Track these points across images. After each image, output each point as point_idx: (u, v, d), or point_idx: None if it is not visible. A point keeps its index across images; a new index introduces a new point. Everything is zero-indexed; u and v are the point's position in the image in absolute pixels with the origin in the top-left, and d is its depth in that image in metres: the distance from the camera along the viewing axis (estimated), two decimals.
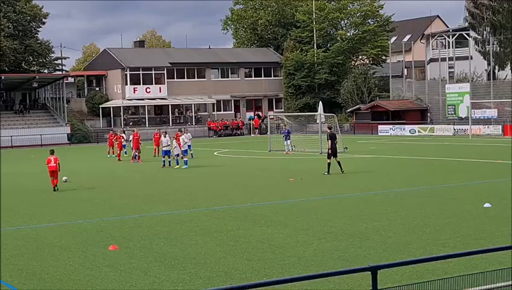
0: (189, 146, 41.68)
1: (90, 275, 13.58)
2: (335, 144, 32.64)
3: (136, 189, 28.72)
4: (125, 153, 47.31)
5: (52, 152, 30.10)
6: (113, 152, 48.54)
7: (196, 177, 32.86)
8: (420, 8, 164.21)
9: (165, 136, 40.22)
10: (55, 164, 29.12)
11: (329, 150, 32.35)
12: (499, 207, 19.91)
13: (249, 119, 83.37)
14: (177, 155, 38.97)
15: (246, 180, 31.01)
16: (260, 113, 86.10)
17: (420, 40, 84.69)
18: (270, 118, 60.09)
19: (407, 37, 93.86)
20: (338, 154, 32.86)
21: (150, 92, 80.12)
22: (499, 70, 72.06)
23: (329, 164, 32.09)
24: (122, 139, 47.01)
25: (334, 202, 23.07)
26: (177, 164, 38.60)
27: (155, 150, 47.69)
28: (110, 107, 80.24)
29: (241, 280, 12.57)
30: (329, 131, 33.98)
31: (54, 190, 28.63)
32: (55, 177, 29.21)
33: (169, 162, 39.37)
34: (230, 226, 18.69)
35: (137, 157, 43.50)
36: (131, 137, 46.53)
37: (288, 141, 47.28)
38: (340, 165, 32.05)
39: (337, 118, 54.91)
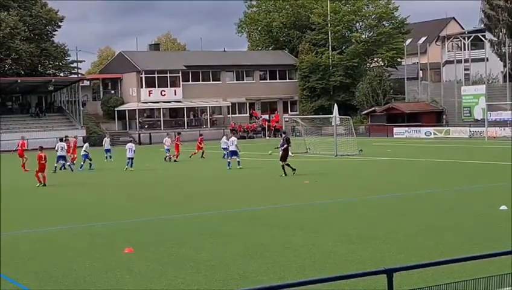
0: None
1: (105, 278, 13.61)
2: (288, 149, 33.98)
3: (147, 192, 28.75)
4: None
5: (41, 149, 32.93)
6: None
7: (209, 180, 32.87)
8: (435, 10, 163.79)
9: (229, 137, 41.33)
10: (44, 161, 31.65)
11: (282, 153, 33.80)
12: None
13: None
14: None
15: (260, 183, 31.00)
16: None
17: (435, 42, 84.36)
18: (285, 121, 60.09)
19: (423, 39, 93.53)
20: (287, 159, 33.85)
21: (165, 95, 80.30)
22: None
23: (287, 164, 33.24)
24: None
25: (348, 204, 23.02)
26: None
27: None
28: (125, 110, 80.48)
29: (256, 283, 12.55)
30: (284, 136, 35.58)
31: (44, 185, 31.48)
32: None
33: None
34: (245, 228, 18.68)
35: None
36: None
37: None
38: (284, 169, 33.07)
39: (352, 120, 54.86)
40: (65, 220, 21.48)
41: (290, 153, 34.49)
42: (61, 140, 41.67)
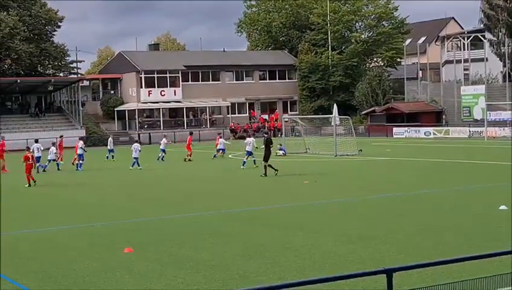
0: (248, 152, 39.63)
1: (105, 278, 13.62)
2: (270, 149, 34.49)
3: (147, 192, 28.76)
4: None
5: (28, 149, 33.35)
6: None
7: (209, 180, 32.88)
8: (435, 10, 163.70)
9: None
10: (31, 162, 31.24)
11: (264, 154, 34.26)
12: None
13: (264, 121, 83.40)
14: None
15: (259, 183, 31.00)
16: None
17: (435, 42, 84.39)
18: (285, 121, 60.05)
19: (422, 39, 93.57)
20: (269, 160, 34.34)
21: (164, 95, 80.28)
22: None
23: (269, 165, 33.65)
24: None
25: (348, 204, 23.03)
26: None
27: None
28: (125, 110, 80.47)
29: (256, 283, 12.56)
30: (265, 136, 36.36)
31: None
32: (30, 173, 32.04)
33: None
34: (244, 228, 18.69)
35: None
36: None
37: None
38: (272, 168, 33.54)
39: (351, 120, 54.85)
40: (65, 220, 21.48)
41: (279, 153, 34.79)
42: (36, 141, 41.87)
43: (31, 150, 39.06)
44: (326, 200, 24.15)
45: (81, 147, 41.94)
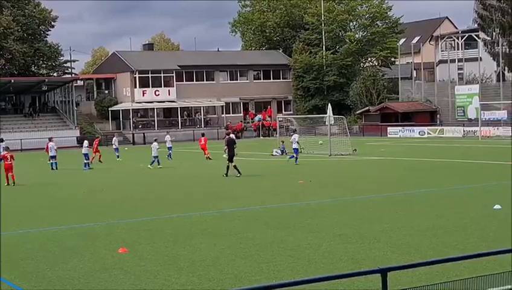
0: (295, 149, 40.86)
1: (99, 278, 13.59)
2: (233, 149, 34.05)
3: (144, 192, 28.72)
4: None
5: (7, 149, 33.30)
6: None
7: (204, 180, 32.86)
8: (429, 10, 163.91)
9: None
10: (10, 161, 31.71)
11: (228, 155, 34.11)
12: (509, 209, 19.79)
13: (258, 120, 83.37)
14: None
15: (254, 183, 30.99)
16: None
17: (429, 41, 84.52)
18: (279, 120, 60.10)
19: (416, 38, 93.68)
20: (234, 160, 34.00)
21: (159, 94, 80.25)
22: (508, 72, 71.80)
23: (228, 167, 33.50)
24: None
25: (343, 204, 23.03)
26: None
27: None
28: (119, 110, 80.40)
29: (251, 283, 12.56)
30: (227, 137, 36.21)
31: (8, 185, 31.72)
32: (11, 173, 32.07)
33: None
34: (240, 228, 18.68)
35: None
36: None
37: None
38: (237, 170, 33.31)
39: (346, 120, 54.90)
40: (62, 220, 21.42)
41: (236, 153, 34.53)
42: (1, 141, 42.42)
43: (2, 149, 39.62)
44: (321, 199, 24.15)
45: (85, 147, 42.54)
